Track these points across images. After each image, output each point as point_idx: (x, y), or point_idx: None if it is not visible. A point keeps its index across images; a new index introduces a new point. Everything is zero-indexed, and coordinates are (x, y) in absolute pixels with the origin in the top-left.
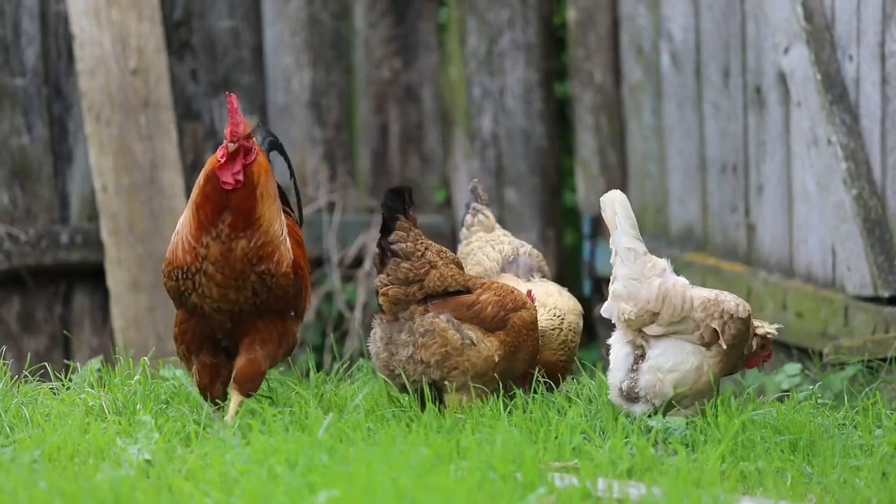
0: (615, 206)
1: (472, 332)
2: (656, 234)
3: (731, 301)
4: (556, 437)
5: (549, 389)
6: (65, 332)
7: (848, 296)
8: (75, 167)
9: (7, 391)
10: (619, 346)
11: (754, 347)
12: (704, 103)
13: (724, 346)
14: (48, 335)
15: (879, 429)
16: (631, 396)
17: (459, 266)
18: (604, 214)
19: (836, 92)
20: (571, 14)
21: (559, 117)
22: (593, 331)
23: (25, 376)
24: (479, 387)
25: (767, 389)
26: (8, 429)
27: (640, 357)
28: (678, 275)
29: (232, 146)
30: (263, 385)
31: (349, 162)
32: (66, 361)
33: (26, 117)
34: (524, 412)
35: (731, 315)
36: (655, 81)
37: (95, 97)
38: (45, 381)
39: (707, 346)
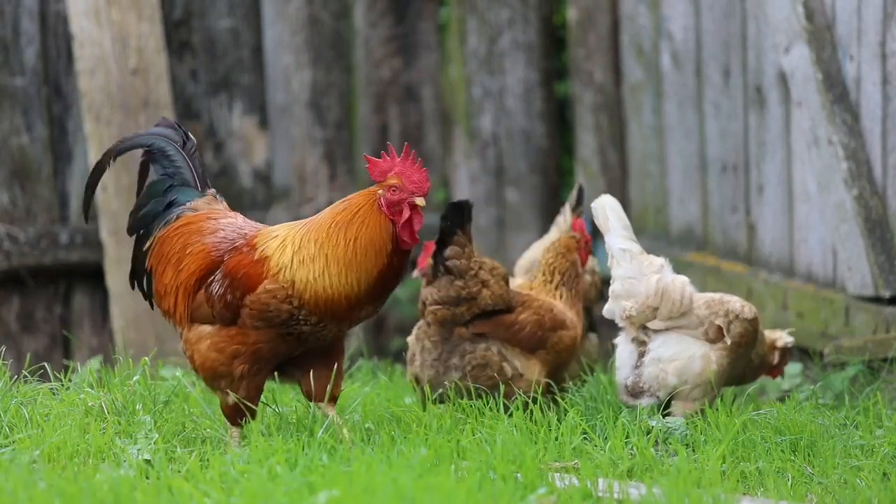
0: (606, 210)
1: (517, 360)
2: (656, 234)
3: (736, 302)
4: (556, 438)
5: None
6: (64, 332)
7: (848, 296)
8: (75, 167)
9: (6, 391)
10: (623, 346)
11: (776, 360)
12: (705, 103)
13: (729, 342)
14: (48, 335)
15: (880, 429)
16: (635, 391)
17: (507, 281)
18: (595, 220)
19: (837, 92)
20: (572, 14)
21: (559, 117)
22: (596, 331)
23: (25, 376)
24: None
25: (768, 389)
26: (7, 429)
27: (644, 353)
28: (679, 274)
29: (422, 201)
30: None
31: (349, 162)
32: (65, 361)
33: (26, 117)
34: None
35: (737, 315)
36: (656, 81)
37: (95, 97)
38: (44, 382)
39: (712, 342)
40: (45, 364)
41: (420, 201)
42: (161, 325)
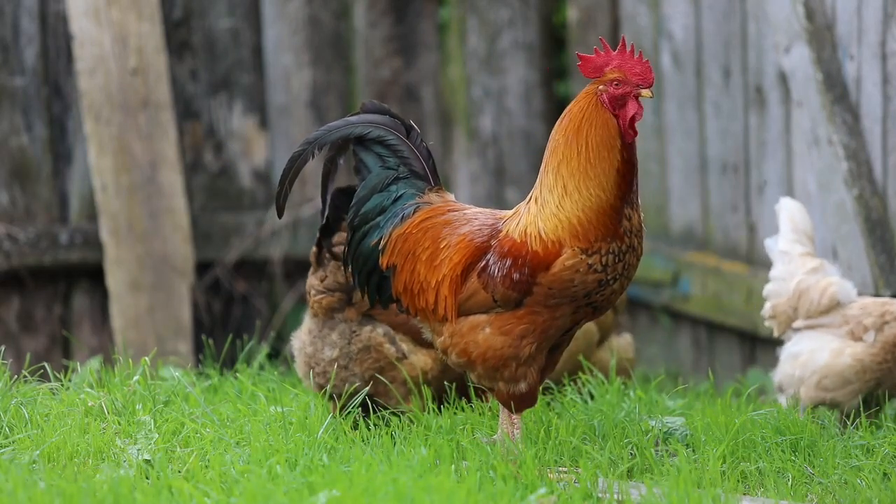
0: (782, 213)
1: (405, 345)
2: (657, 234)
3: None
4: (556, 437)
5: None
6: (64, 332)
7: None
8: (75, 167)
9: (6, 391)
10: (784, 345)
11: None
12: (705, 103)
13: (875, 341)
14: (47, 335)
15: (880, 429)
16: (779, 388)
17: None
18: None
19: (837, 91)
20: (572, 14)
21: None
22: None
23: (25, 376)
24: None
25: (768, 389)
26: (7, 429)
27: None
28: (680, 275)
29: (648, 93)
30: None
31: (349, 161)
32: (65, 361)
33: (26, 117)
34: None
35: None
36: (656, 81)
37: (95, 97)
38: (44, 382)
39: (857, 340)
40: (45, 364)
41: (647, 93)
42: (161, 325)
